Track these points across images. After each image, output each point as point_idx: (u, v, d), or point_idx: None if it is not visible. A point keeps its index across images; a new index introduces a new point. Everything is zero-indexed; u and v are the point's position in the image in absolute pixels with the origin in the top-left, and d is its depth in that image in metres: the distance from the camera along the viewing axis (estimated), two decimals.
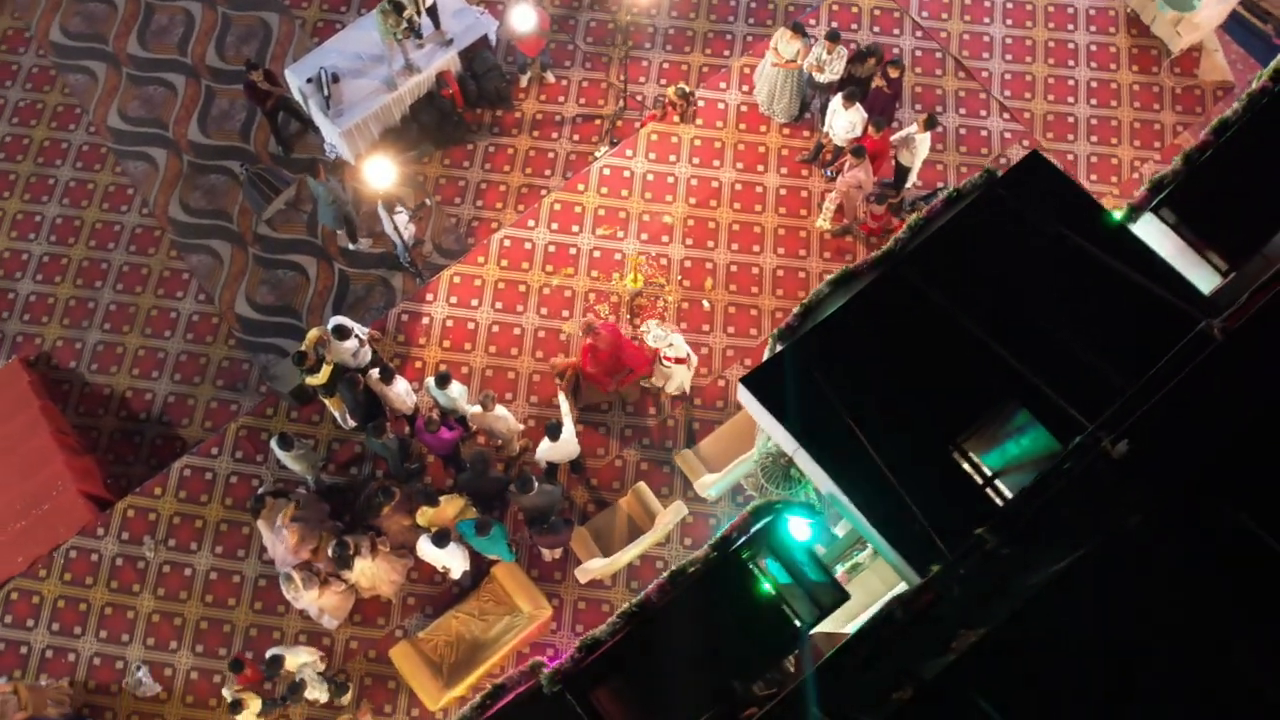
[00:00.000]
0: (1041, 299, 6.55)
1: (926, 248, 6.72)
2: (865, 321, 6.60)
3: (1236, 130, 7.23)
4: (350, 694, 11.74)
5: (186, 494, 12.54)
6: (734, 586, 6.40)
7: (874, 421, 6.22)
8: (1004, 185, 6.84)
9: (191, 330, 13.89)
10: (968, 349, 6.40)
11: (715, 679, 6.12)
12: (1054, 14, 14.21)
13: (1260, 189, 7.13)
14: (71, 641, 11.99)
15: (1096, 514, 5.86)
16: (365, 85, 13.99)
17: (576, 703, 6.10)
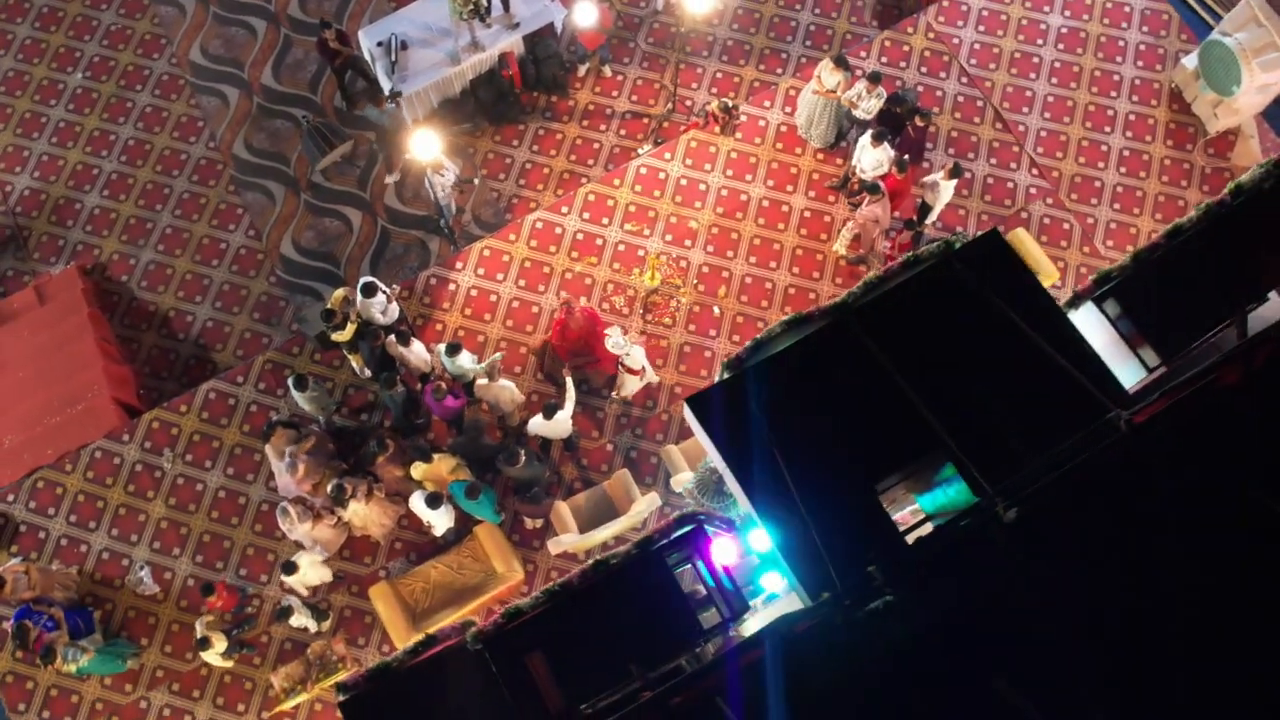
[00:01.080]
0: (972, 368, 7.11)
1: (875, 305, 7.31)
2: (807, 364, 7.21)
3: (1188, 237, 7.72)
4: (329, 621, 12.64)
5: (209, 415, 13.47)
6: (648, 583, 7.09)
7: (797, 456, 6.84)
8: (959, 258, 7.38)
9: (237, 262, 14.81)
10: (896, 404, 6.99)
11: (618, 662, 6.84)
12: (1100, 79, 14.54)
13: (1198, 296, 7.61)
14: (85, 534, 13.00)
15: (981, 573, 6.46)
16: (431, 56, 14.73)
17: (493, 661, 6.85)
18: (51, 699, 12.40)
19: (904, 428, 7.03)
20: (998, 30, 14.75)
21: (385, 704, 7.17)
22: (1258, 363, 7.59)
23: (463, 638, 7.08)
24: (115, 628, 12.61)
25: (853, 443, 7.04)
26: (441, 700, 7.08)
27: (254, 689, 12.46)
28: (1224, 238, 7.73)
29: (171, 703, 12.41)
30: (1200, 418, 7.48)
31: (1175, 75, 14.37)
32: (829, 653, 6.44)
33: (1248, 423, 7.51)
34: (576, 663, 6.97)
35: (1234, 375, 7.53)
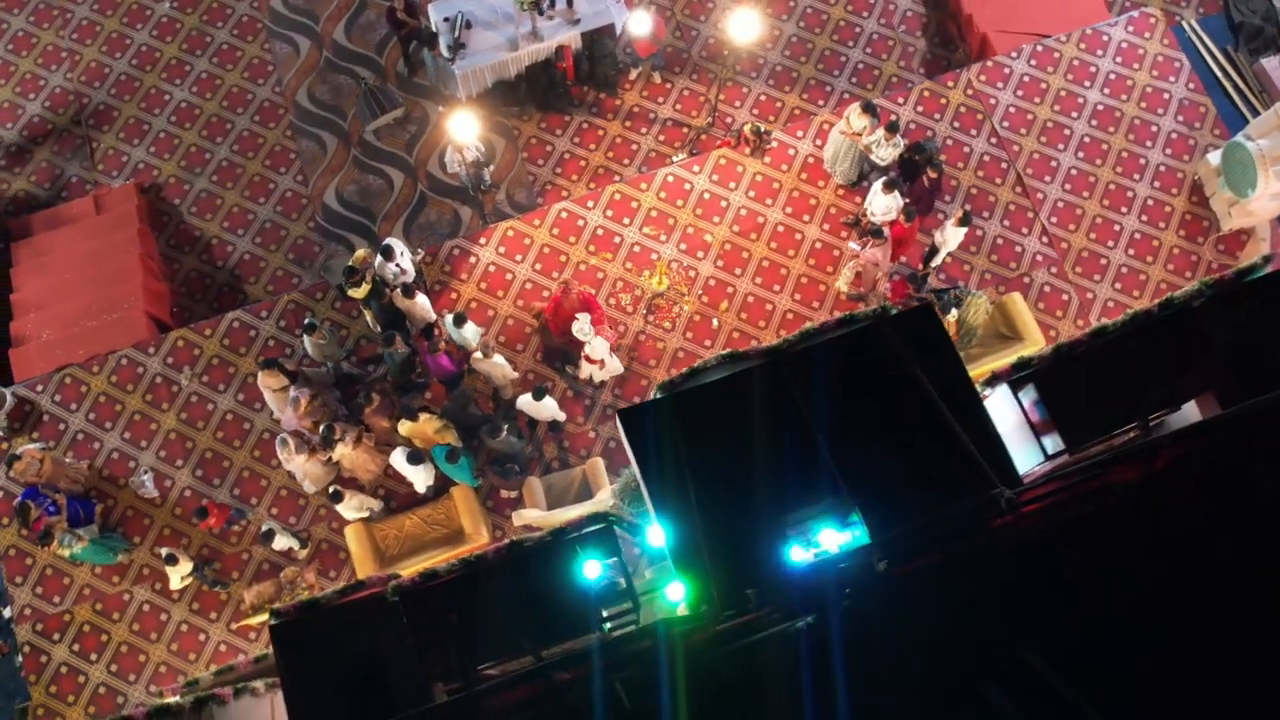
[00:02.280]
0: (882, 427, 7.74)
1: (806, 354, 7.95)
2: (733, 398, 7.87)
3: (1111, 339, 8.24)
4: (307, 550, 13.58)
5: (230, 342, 14.44)
6: (553, 569, 7.84)
7: (706, 480, 7.53)
8: (890, 323, 7.99)
9: (282, 204, 15.74)
10: (806, 449, 7.65)
11: (514, 634, 7.60)
12: (1126, 160, 14.90)
13: (1111, 396, 8.13)
14: (100, 433, 14.05)
15: (843, 613, 7.13)
16: (492, 38, 15.48)
17: (405, 614, 7.66)
18: (46, 577, 13.49)
19: (809, 471, 7.68)
20: (1035, 97, 15.15)
21: (309, 634, 8.01)
22: (1159, 464, 8.13)
23: (385, 588, 7.90)
24: (113, 523, 13.65)
25: (759, 476, 7.70)
26: (357, 640, 7.90)
27: (227, 601, 13.45)
28: (1146, 345, 8.24)
29: (152, 600, 13.44)
30: (1088, 508, 8.08)
31: (1199, 168, 14.69)
32: (695, 658, 7.16)
33: (1139, 519, 8.09)
34: (478, 629, 7.76)
35: (1133, 473, 8.09)
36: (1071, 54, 15.32)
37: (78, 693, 13.15)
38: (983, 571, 8.12)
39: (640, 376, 14.05)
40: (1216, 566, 7.84)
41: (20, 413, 14.00)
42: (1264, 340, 8.45)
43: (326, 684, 7.88)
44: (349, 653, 7.94)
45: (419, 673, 7.82)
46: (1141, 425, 8.05)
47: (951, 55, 16.29)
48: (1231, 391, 8.24)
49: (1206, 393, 8.37)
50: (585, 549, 7.92)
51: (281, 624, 8.03)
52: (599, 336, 12.86)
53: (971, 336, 13.46)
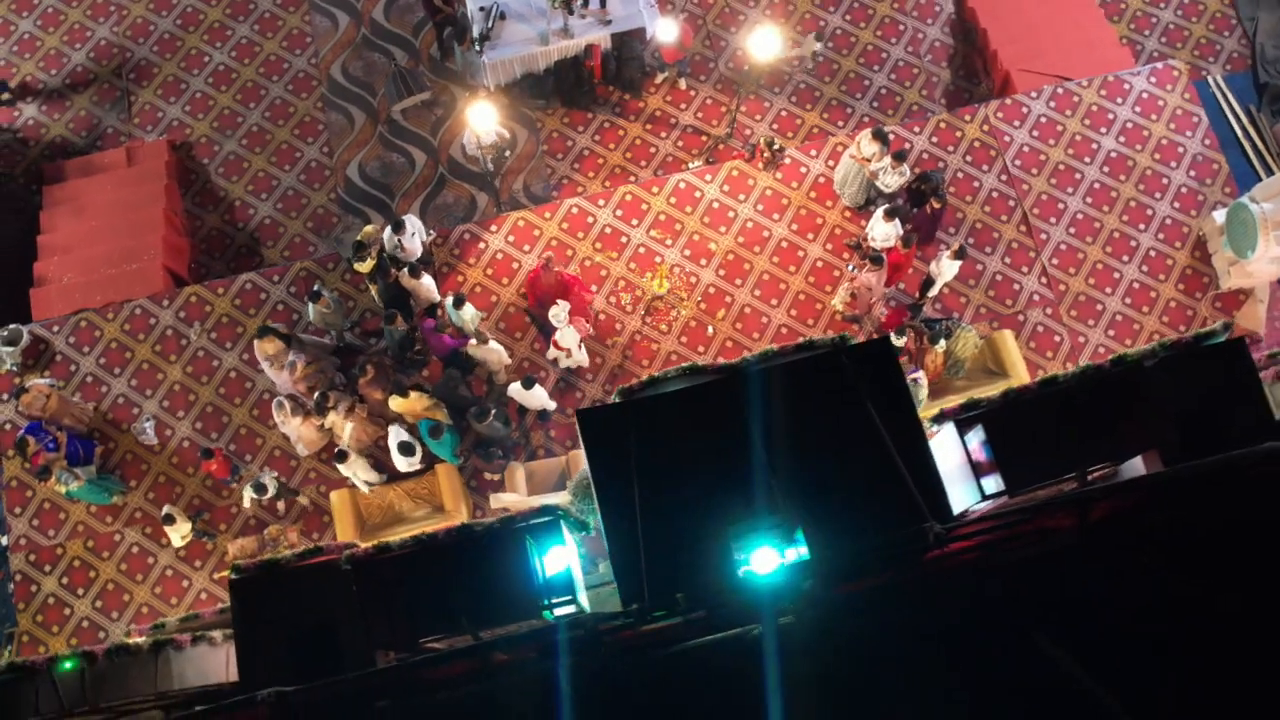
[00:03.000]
0: (827, 452, 8.05)
1: (762, 374, 8.26)
2: (687, 409, 8.21)
3: (1059, 389, 8.49)
4: (296, 506, 14.02)
5: (241, 303, 14.92)
6: (500, 554, 8.21)
7: (652, 485, 7.87)
8: (848, 353, 8.28)
9: (306, 173, 16.21)
10: (753, 465, 7.97)
11: (456, 613, 8.00)
12: (1133, 209, 15.04)
13: (1054, 444, 8.40)
14: (109, 377, 14.59)
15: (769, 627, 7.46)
16: (523, 31, 15.85)
17: (355, 582, 8.08)
18: (44, 511, 14.06)
19: (755, 487, 8.01)
20: (1050, 139, 15.32)
21: (265, 591, 8.45)
22: (1094, 515, 8.39)
23: (340, 556, 8.32)
24: (111, 465, 14.19)
25: (706, 487, 8.04)
26: (310, 602, 8.33)
27: (213, 551, 13.96)
28: (1094, 399, 8.49)
29: (141, 543, 13.97)
30: (1023, 550, 8.36)
31: (1204, 224, 14.82)
32: (626, 655, 7.53)
33: (1063, 567, 8.37)
34: (423, 603, 8.17)
35: (1069, 521, 8.36)
36: (1091, 99, 15.46)
37: (62, 624, 13.72)
38: (913, 600, 8.44)
39: (632, 375, 14.37)
40: (1137, 622, 8.13)
41: (35, 351, 14.57)
42: (1211, 405, 8.67)
43: (276, 640, 8.31)
44: (301, 613, 8.36)
45: (364, 638, 8.24)
46: (1080, 476, 8.29)
47: (974, 89, 16.48)
48: (1174, 452, 8.47)
49: (1151, 451, 8.59)
50: (533, 539, 8.29)
51: (241, 579, 8.46)
52: (571, 327, 13.21)
53: (959, 368, 13.71)
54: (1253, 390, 8.75)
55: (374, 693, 8.25)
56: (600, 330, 14.56)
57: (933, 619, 8.33)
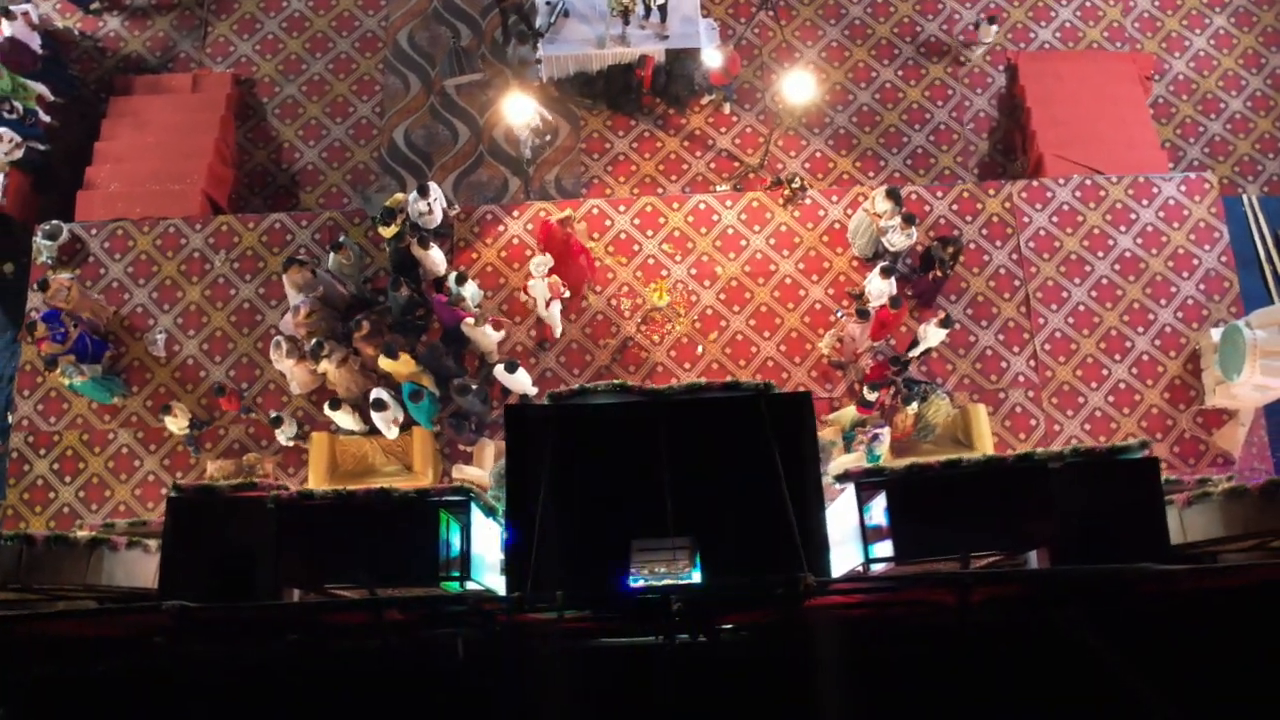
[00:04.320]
0: (728, 489, 8.54)
1: (683, 404, 8.75)
2: (607, 423, 8.72)
3: (960, 472, 8.86)
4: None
5: (267, 239, 15.70)
6: (411, 521, 8.82)
7: (561, 485, 8.40)
8: (768, 400, 8.74)
9: (355, 128, 16.96)
10: (656, 487, 8.48)
11: (360, 568, 8.64)
12: (1135, 311, 15.21)
13: (943, 524, 8.78)
14: (133, 286, 15.45)
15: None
16: (583, 31, 16.41)
17: (277, 521, 8.75)
18: (49, 398, 14.97)
19: (654, 507, 8.53)
20: (1068, 227, 15.54)
21: (198, 513, 9.15)
22: (975, 598, 8.80)
23: (268, 495, 8.99)
24: (119, 369, 15.05)
25: (608, 498, 8.56)
26: (234, 531, 9.01)
27: (195, 465, 14.77)
28: (993, 489, 8.86)
29: (131, 445, 14.83)
30: (895, 613, 8.81)
31: (1201, 339, 14.96)
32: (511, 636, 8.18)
33: (944, 642, 8.80)
34: (333, 552, 8.82)
35: (951, 598, 8.77)
36: (1117, 196, 15.64)
37: (45, 506, 14.63)
38: (782, 644, 8.95)
39: (615, 378, 14.88)
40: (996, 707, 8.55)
41: (71, 248, 15.48)
42: (1111, 517, 8.98)
43: (199, 559, 9.01)
44: (225, 540, 9.05)
45: (276, 574, 8.91)
46: (963, 559, 8.67)
47: (1008, 165, 16.72)
48: (1063, 554, 8.83)
49: (1042, 548, 8.96)
50: (447, 514, 8.89)
51: (179, 498, 9.18)
52: (544, 282, 13.87)
53: (928, 433, 14.05)
54: (1155, 511, 9.06)
55: (272, 624, 8.95)
56: (595, 330, 15.12)
57: (804, 661, 8.84)
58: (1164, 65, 17.27)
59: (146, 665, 9.12)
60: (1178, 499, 9.66)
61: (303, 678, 8.99)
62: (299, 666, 9.14)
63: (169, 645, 8.69)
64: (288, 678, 8.97)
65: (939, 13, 17.47)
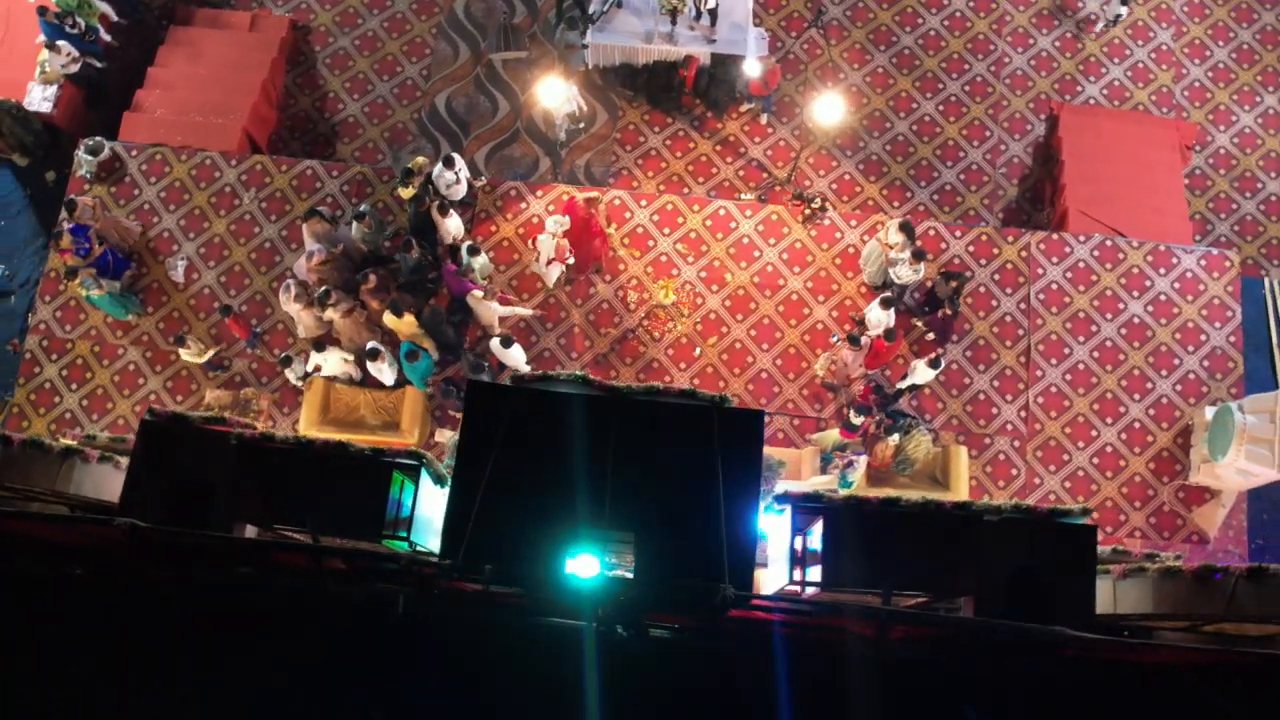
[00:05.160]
0: (667, 493, 8.79)
1: (640, 405, 8.99)
2: (564, 413, 8.99)
3: (898, 512, 9.03)
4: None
5: (298, 184, 16.11)
6: (364, 477, 9.16)
7: (508, 465, 8.71)
8: (721, 411, 8.97)
9: (400, 88, 17.33)
10: (600, 481, 8.75)
11: (308, 514, 8.99)
12: (1135, 378, 15.21)
13: (874, 558, 8.96)
14: (163, 211, 15.94)
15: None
16: (633, 23, 16.62)
17: (238, 458, 9.12)
18: (68, 307, 15.51)
19: (595, 499, 8.80)
20: (1081, 285, 15.55)
21: (168, 439, 9.53)
22: (895, 635, 9.00)
23: (238, 431, 9.38)
24: (137, 288, 15.56)
25: (552, 484, 8.84)
26: (198, 461, 9.39)
27: (196, 390, 15.26)
28: (925, 533, 9.02)
29: (139, 363, 15.34)
30: (815, 636, 9.04)
31: (1195, 415, 14.94)
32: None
33: (858, 671, 9.01)
34: (286, 495, 9.19)
35: (870, 631, 8.98)
36: (1135, 261, 15.63)
37: (49, 409, 15.19)
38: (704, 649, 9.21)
39: (611, 367, 15.18)
40: None
41: (110, 166, 15.99)
42: (1041, 577, 9.12)
43: (160, 483, 9.40)
44: (188, 469, 9.42)
45: (230, 509, 9.29)
46: (885, 595, 8.86)
47: (1034, 214, 16.75)
48: (987, 606, 8.99)
49: (968, 597, 9.13)
50: (400, 476, 9.23)
51: (152, 421, 9.57)
52: (553, 240, 14.31)
53: (906, 466, 14.20)
54: (1084, 577, 9.18)
55: (217, 554, 9.35)
56: (598, 318, 15.39)
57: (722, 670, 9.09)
58: (1207, 137, 17.18)
59: (101, 576, 9.57)
60: (1115, 569, 9.78)
61: (251, 611, 9.40)
62: (248, 600, 9.55)
63: (120, 560, 9.10)
64: (235, 609, 9.39)
65: (989, 53, 17.49)
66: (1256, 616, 9.19)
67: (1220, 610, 9.24)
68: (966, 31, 17.59)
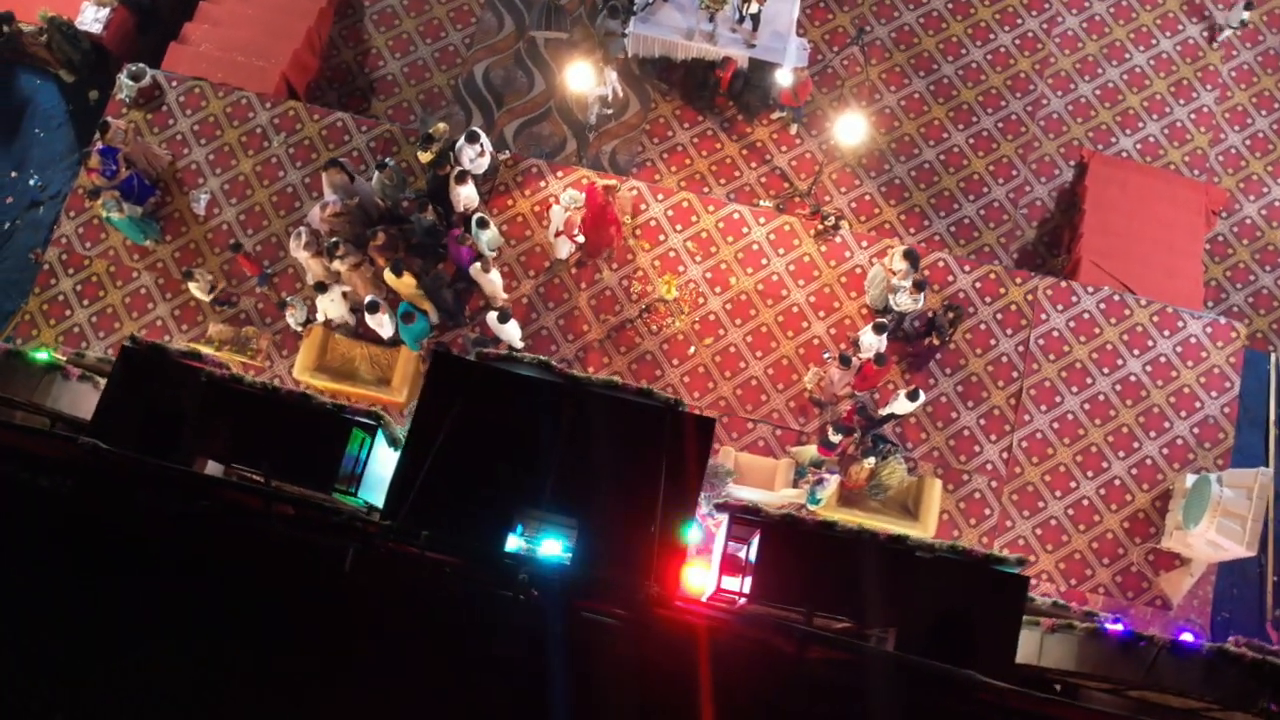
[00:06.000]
0: (610, 486, 9.02)
1: (594, 396, 9.20)
2: (522, 394, 9.23)
3: (833, 536, 9.18)
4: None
5: (328, 135, 16.41)
6: (324, 431, 9.45)
7: (458, 436, 8.96)
8: (673, 413, 9.16)
9: (441, 52, 17.58)
10: (547, 465, 8.99)
11: (264, 458, 9.31)
12: (1122, 435, 15.17)
13: (801, 578, 9.14)
14: (195, 145, 16.30)
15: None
16: (676, 19, 16.71)
17: (206, 396, 9.46)
18: (91, 225, 15.92)
19: (540, 482, 9.04)
20: (1082, 335, 15.52)
21: (146, 367, 9.88)
22: (811, 654, 9.18)
23: (208, 369, 9.70)
24: (159, 215, 15.95)
25: (500, 460, 9.09)
26: (169, 393, 9.74)
27: (201, 321, 15.64)
28: (857, 561, 9.18)
29: (150, 289, 15.73)
30: (735, 644, 9.23)
31: (1177, 481, 14.90)
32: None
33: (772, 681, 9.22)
34: (245, 437, 9.51)
35: (790, 647, 9.16)
36: (1140, 319, 15.57)
37: (59, 321, 15.64)
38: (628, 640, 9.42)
39: (604, 354, 15.38)
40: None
41: (150, 93, 16.38)
42: (967, 620, 9.26)
43: (131, 408, 9.76)
44: (159, 399, 9.78)
45: (193, 442, 9.62)
46: (807, 615, 9.03)
47: (1048, 259, 16.71)
48: (908, 641, 9.14)
49: (891, 629, 9.27)
50: (357, 431, 9.52)
51: (132, 348, 9.92)
52: (566, 214, 14.66)
53: (879, 491, 14.30)
54: (1009, 626, 9.31)
55: (172, 485, 9.68)
56: (600, 304, 15.58)
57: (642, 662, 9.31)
58: (1235, 205, 17.04)
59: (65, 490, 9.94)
60: (1045, 623, 9.87)
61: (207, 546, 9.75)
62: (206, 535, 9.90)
63: (83, 477, 9.45)
64: (191, 541, 9.74)
65: (1029, 93, 17.42)
66: (1175, 689, 9.27)
67: (1140, 678, 9.33)
68: (1009, 68, 17.53)
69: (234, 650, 9.51)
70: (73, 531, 9.60)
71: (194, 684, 9.15)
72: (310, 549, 9.84)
